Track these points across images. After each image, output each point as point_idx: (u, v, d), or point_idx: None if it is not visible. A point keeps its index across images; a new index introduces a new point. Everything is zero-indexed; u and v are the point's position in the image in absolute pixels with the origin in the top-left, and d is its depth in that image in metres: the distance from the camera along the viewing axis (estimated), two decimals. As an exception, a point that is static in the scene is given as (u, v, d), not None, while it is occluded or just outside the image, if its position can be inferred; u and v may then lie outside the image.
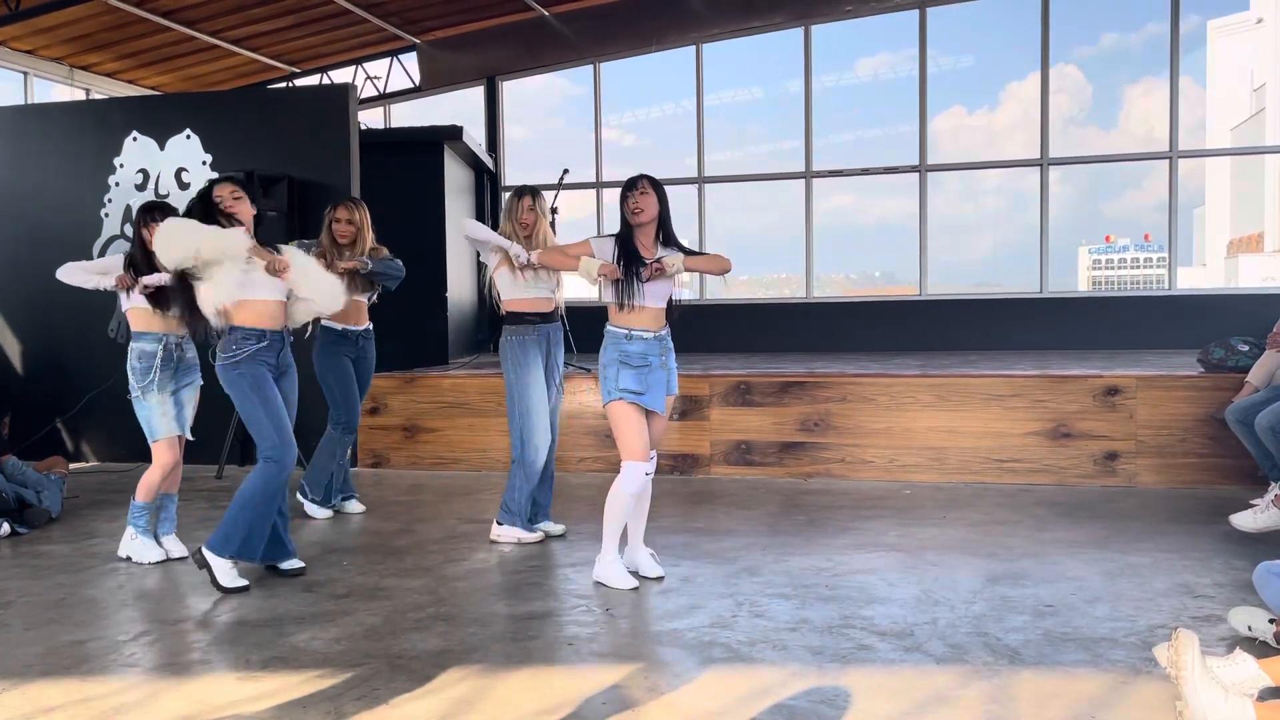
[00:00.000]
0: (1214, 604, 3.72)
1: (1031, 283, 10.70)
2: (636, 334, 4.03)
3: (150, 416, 4.57)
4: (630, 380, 3.98)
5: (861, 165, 11.47)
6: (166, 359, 4.58)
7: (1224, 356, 6.17)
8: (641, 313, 4.04)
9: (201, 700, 2.96)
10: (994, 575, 4.17)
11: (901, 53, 11.51)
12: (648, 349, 4.04)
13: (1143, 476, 6.11)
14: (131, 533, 4.63)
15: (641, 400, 3.98)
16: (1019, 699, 2.89)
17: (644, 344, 4.04)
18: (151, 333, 4.56)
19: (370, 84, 12.65)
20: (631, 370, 3.99)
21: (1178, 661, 2.67)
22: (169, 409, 4.60)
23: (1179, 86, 10.23)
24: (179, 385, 4.68)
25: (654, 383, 4.04)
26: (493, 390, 6.98)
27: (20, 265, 7.58)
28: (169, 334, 4.58)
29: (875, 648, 3.32)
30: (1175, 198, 10.32)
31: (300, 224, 7.08)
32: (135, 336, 4.59)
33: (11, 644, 3.48)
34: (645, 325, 4.05)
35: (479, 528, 5.20)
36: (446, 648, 3.38)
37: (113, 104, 9.05)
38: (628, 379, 3.98)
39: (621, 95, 12.74)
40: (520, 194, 4.92)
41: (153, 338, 4.56)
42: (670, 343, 4.16)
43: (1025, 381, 6.32)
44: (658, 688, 3.01)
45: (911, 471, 6.38)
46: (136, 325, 4.59)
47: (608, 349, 4.07)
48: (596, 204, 11.68)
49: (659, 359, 4.07)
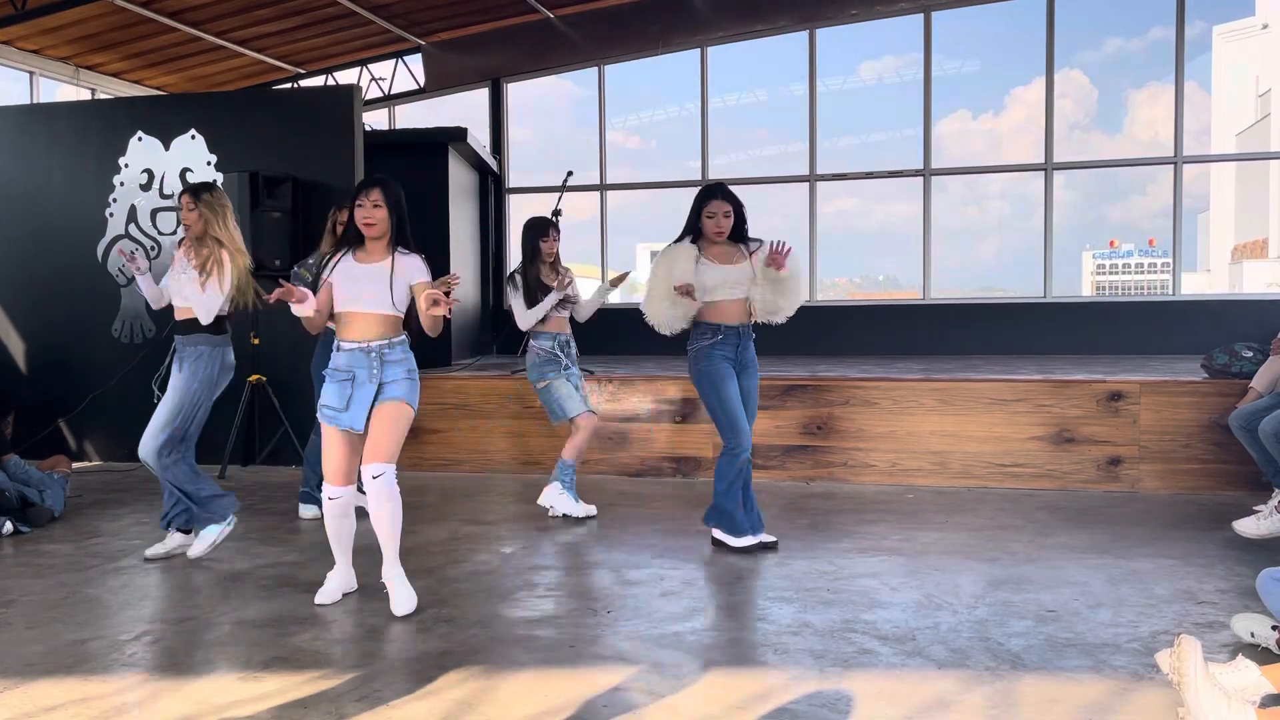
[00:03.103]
0: (1217, 610, 3.71)
1: (1035, 287, 10.68)
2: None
3: (561, 399, 5.41)
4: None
5: (865, 169, 11.46)
6: (561, 351, 5.45)
7: (1228, 362, 6.16)
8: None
9: (203, 700, 2.96)
10: (996, 580, 4.16)
11: (906, 57, 11.51)
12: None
13: (1146, 482, 6.10)
14: (558, 488, 5.42)
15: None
16: (1021, 704, 2.89)
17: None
18: (547, 333, 5.44)
19: (375, 85, 12.66)
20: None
21: (1180, 668, 2.67)
22: (571, 391, 5.43)
23: (1184, 92, 10.21)
24: (570, 375, 5.49)
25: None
26: (495, 392, 6.99)
27: (25, 264, 7.59)
28: (559, 334, 5.46)
29: (877, 652, 3.32)
30: (1180, 203, 10.30)
31: (304, 225, 7.09)
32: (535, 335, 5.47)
33: (13, 643, 3.49)
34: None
35: (481, 529, 5.20)
36: (448, 649, 3.38)
37: (118, 104, 9.07)
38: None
39: (626, 98, 12.73)
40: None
41: (547, 337, 5.44)
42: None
43: (1028, 386, 6.31)
44: (659, 691, 3.01)
45: (914, 475, 6.37)
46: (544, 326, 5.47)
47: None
48: (600, 206, 11.69)
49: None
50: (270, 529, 5.25)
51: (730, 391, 4.56)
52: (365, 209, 3.78)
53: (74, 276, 7.48)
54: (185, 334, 4.64)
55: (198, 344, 4.61)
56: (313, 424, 7.22)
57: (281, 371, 7.05)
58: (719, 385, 4.57)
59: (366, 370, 3.74)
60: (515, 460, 6.97)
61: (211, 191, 4.72)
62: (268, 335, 7.09)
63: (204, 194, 4.69)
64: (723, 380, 4.56)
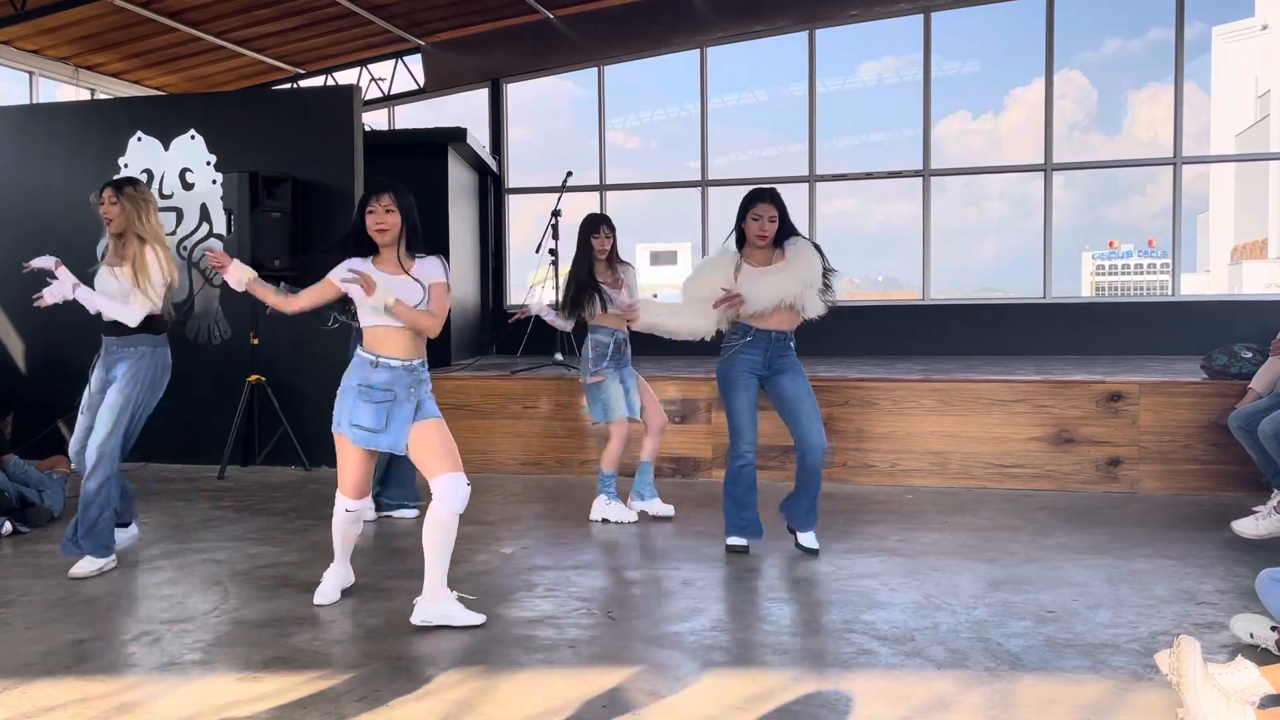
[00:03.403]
0: (1216, 611, 3.71)
1: (1035, 288, 10.68)
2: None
3: (610, 399, 5.30)
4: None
5: (865, 169, 11.46)
6: (615, 351, 5.34)
7: (1227, 363, 6.16)
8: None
9: (202, 700, 2.96)
10: (995, 580, 4.16)
11: (906, 57, 11.51)
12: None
13: (1145, 483, 6.10)
14: (604, 500, 5.37)
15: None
16: (1020, 704, 2.89)
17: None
18: (606, 327, 5.32)
19: (375, 85, 12.66)
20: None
21: (1179, 668, 2.67)
22: (621, 394, 5.34)
23: (1183, 92, 10.21)
24: (624, 374, 5.40)
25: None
26: (495, 392, 6.99)
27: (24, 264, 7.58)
28: (618, 330, 5.33)
29: (876, 652, 3.32)
30: (1179, 204, 10.30)
31: (303, 225, 7.09)
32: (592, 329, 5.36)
33: (12, 643, 3.49)
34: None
35: (481, 529, 5.20)
36: (447, 649, 3.38)
37: (118, 104, 9.07)
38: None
39: (626, 98, 12.73)
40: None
41: (606, 332, 5.32)
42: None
43: (1028, 387, 6.31)
44: (658, 691, 3.01)
45: (913, 476, 6.37)
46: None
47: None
48: (600, 206, 11.68)
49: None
50: (270, 529, 5.25)
51: (741, 398, 4.54)
52: (378, 214, 3.63)
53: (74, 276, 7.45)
54: (120, 334, 4.49)
55: (137, 344, 4.48)
56: (312, 423, 7.23)
57: (281, 371, 7.05)
58: (731, 390, 4.56)
59: (406, 390, 3.64)
60: (515, 460, 6.97)
61: (135, 186, 4.55)
62: (267, 335, 7.09)
63: (127, 188, 4.53)
64: (736, 386, 4.54)
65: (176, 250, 7.40)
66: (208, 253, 3.93)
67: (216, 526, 5.33)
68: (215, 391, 7.17)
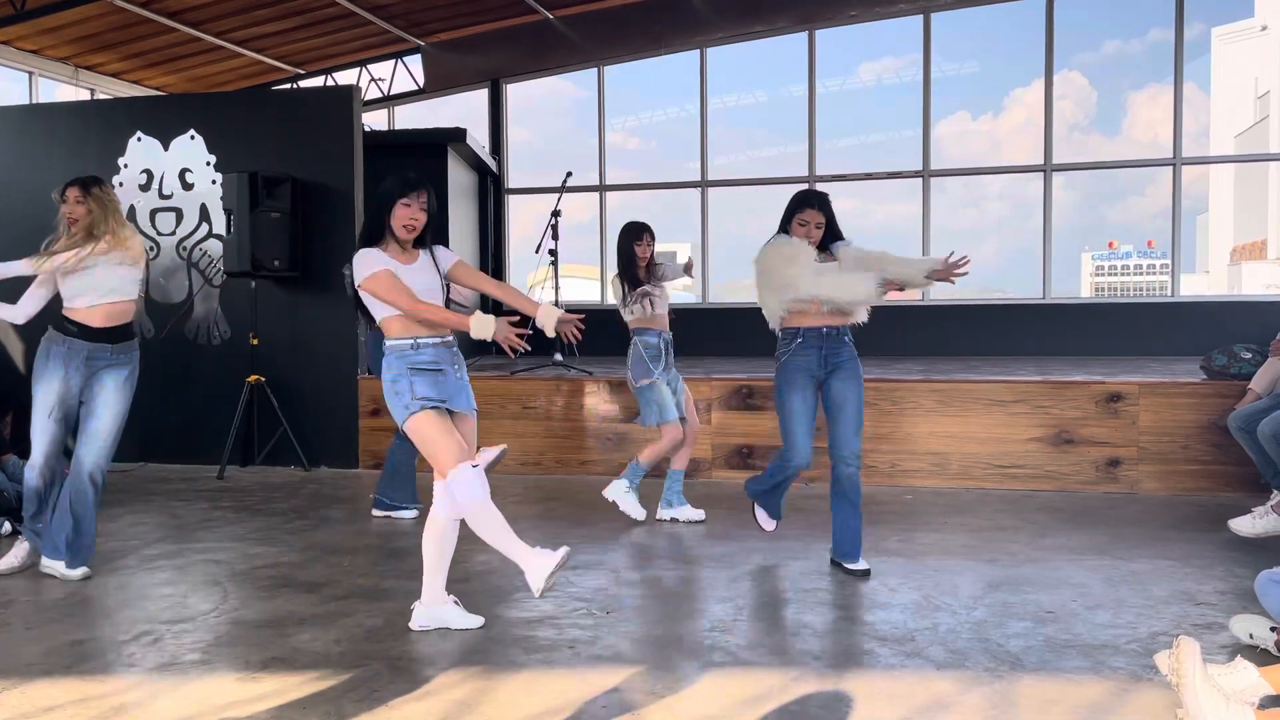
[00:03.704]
0: (1215, 611, 3.71)
1: (1034, 288, 10.69)
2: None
3: (662, 402, 5.24)
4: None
5: (865, 170, 11.47)
6: (664, 353, 5.31)
7: (1227, 363, 6.16)
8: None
9: (201, 701, 2.96)
10: (995, 581, 4.16)
11: (906, 58, 11.53)
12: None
13: (1145, 483, 6.10)
14: (624, 485, 5.35)
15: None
16: (1019, 705, 2.89)
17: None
18: (653, 329, 5.25)
19: (374, 86, 12.67)
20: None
21: (1179, 669, 2.67)
22: (669, 395, 5.27)
23: (1183, 93, 10.23)
24: (670, 377, 5.33)
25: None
26: (494, 392, 6.98)
27: (24, 264, 7.58)
28: (664, 331, 5.30)
29: (876, 653, 3.32)
30: (1179, 204, 10.32)
31: (303, 225, 7.09)
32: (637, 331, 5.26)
33: (12, 643, 3.48)
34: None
35: (480, 530, 5.19)
36: (446, 650, 3.38)
37: (117, 104, 9.07)
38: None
39: (625, 98, 12.75)
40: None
41: (653, 333, 5.25)
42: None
43: (1028, 387, 6.31)
44: (658, 691, 3.01)
45: (913, 476, 6.37)
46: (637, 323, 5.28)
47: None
48: (600, 207, 11.69)
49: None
50: (269, 529, 5.25)
51: (794, 403, 4.44)
52: (413, 209, 3.58)
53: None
54: (118, 341, 4.45)
55: (133, 350, 4.50)
56: (312, 423, 7.24)
57: (280, 371, 7.04)
58: (784, 396, 4.45)
59: (449, 364, 3.68)
60: (515, 460, 6.96)
61: (101, 186, 4.44)
62: (267, 335, 7.09)
63: (94, 188, 4.38)
64: (789, 390, 4.43)
65: (176, 250, 7.41)
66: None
67: (216, 527, 5.33)
68: (215, 391, 7.17)
